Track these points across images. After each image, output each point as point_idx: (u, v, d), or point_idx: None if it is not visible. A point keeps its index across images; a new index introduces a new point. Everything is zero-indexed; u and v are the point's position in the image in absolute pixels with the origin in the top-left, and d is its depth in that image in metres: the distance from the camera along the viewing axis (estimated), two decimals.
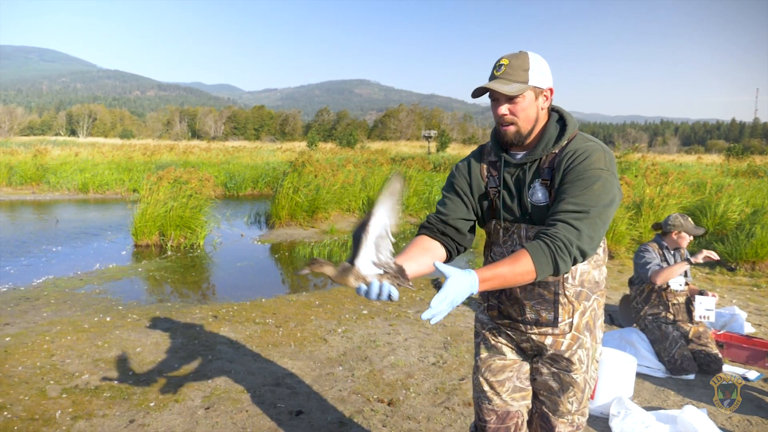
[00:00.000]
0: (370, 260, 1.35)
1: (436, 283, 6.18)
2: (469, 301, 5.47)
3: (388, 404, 3.25)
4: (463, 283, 1.33)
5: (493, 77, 1.58)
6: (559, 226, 1.45)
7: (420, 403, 3.27)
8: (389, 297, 1.34)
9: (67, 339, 4.33)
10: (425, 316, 1.29)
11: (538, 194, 1.61)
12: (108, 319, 4.85)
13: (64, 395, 3.34)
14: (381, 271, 1.36)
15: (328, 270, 1.34)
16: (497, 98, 1.60)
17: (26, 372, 3.69)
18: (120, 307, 5.25)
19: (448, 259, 1.73)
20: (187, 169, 9.25)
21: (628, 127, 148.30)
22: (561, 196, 1.52)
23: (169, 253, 7.89)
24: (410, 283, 1.40)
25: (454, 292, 1.31)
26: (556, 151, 1.60)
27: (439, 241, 1.71)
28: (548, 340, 1.69)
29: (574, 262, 1.46)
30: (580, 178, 1.52)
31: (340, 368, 3.78)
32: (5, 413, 3.11)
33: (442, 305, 1.29)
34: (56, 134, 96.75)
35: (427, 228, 1.73)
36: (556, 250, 1.42)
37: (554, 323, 1.66)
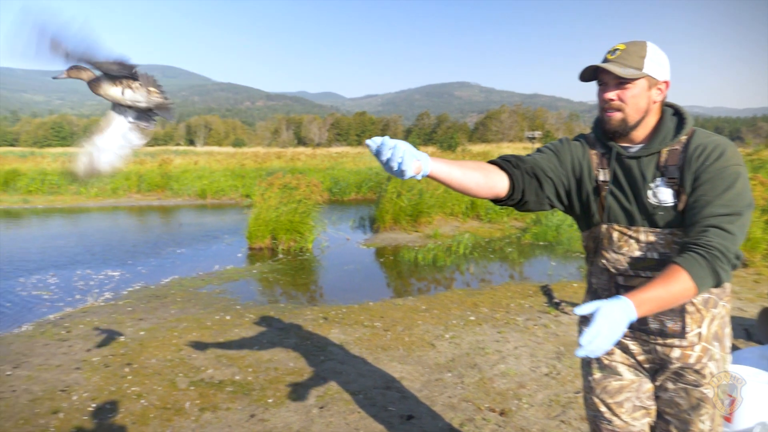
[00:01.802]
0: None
1: (546, 289, 5.96)
2: None
3: (500, 414, 3.17)
4: (617, 312, 1.22)
5: (605, 61, 1.48)
6: (712, 233, 1.32)
7: (533, 414, 3.16)
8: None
9: (192, 335, 4.66)
10: (580, 354, 1.19)
11: (664, 194, 1.47)
12: (228, 317, 5.16)
13: (192, 387, 3.59)
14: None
15: (85, 75, 1.35)
16: (606, 82, 1.49)
17: (158, 364, 4.02)
18: (238, 307, 5.57)
19: (508, 196, 1.51)
20: (295, 175, 9.65)
21: (759, 120, 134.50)
22: (703, 198, 1.39)
23: (281, 256, 8.27)
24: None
25: (609, 323, 1.20)
26: (678, 147, 1.47)
27: (505, 170, 1.52)
28: (675, 353, 1.53)
29: (733, 269, 1.34)
30: (719, 177, 1.38)
31: (449, 374, 3.75)
32: (142, 401, 3.40)
33: (597, 342, 1.18)
34: (177, 144, 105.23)
35: (498, 159, 1.57)
36: (713, 261, 1.29)
37: (682, 334, 1.50)
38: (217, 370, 3.86)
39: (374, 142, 1.28)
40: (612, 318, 1.21)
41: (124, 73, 1.35)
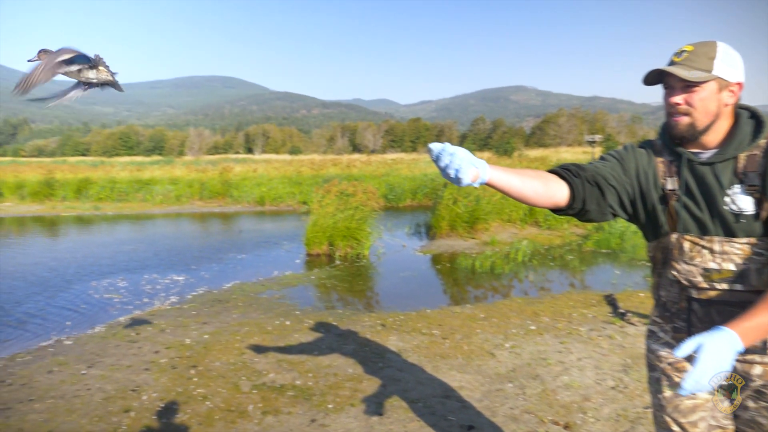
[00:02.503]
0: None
1: (610, 299, 5.75)
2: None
3: (565, 428, 3.07)
4: (722, 347, 1.17)
5: (671, 63, 1.41)
6: None
7: (600, 429, 3.05)
8: None
9: (254, 339, 4.77)
10: (683, 393, 1.16)
11: (743, 202, 1.38)
12: (288, 323, 5.25)
13: (254, 391, 3.67)
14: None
15: (45, 56, 1.53)
16: (672, 85, 1.42)
17: (222, 367, 4.13)
18: (297, 312, 5.66)
19: (568, 206, 1.46)
20: (351, 182, 9.75)
21: None
22: None
23: (338, 262, 8.36)
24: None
25: (715, 360, 1.16)
26: (757, 152, 1.38)
27: (565, 178, 1.47)
28: (756, 370, 1.42)
29: None
30: None
31: (510, 385, 3.67)
32: (207, 403, 3.50)
33: (704, 379, 1.15)
34: (236, 152, 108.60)
35: (558, 167, 1.52)
36: None
37: (764, 350, 1.40)
38: (278, 375, 3.93)
39: (435, 147, 1.28)
40: (718, 354, 1.16)
41: (84, 62, 1.69)
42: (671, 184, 1.50)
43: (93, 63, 1.71)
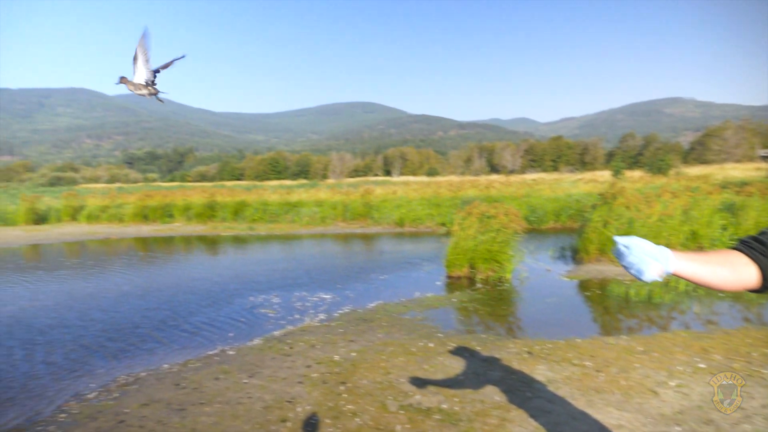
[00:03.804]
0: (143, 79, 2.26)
1: None
2: None
3: None
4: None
5: None
6: None
7: None
8: None
9: (399, 360, 4.83)
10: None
11: None
12: (431, 345, 5.25)
13: (401, 411, 3.70)
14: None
15: (124, 81, 2.26)
16: None
17: (370, 385, 4.23)
18: (440, 335, 5.64)
19: (760, 289, 1.36)
20: (493, 204, 9.58)
21: None
22: None
23: (479, 285, 8.23)
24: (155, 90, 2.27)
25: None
26: None
27: (750, 256, 1.36)
28: None
29: None
30: None
31: (678, 429, 3.31)
32: (357, 419, 3.59)
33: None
34: (375, 175, 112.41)
35: (741, 243, 1.41)
36: None
37: None
38: (424, 397, 3.93)
39: (619, 241, 1.29)
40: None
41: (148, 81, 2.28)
42: None
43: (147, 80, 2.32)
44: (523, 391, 3.98)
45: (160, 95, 2.34)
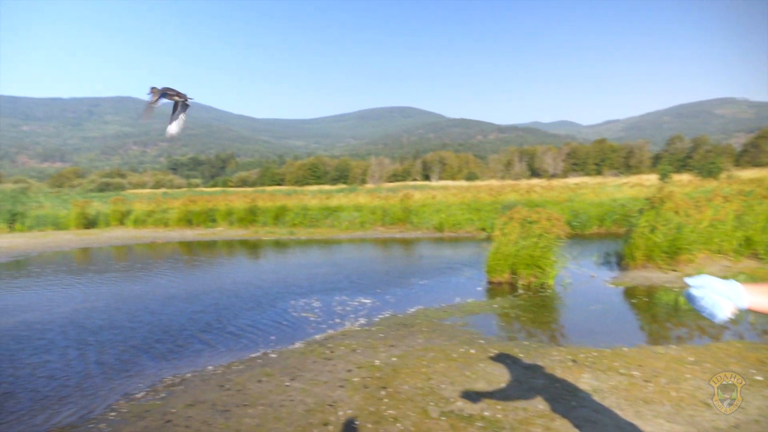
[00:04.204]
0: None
1: None
2: None
3: None
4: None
5: None
6: None
7: None
8: None
9: (440, 365, 4.80)
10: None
11: None
12: (472, 351, 5.20)
13: (443, 418, 3.67)
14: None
15: (156, 93, 2.56)
16: None
17: (410, 391, 4.21)
18: (481, 341, 5.58)
19: None
20: (535, 208, 9.42)
21: None
22: None
23: (521, 291, 8.11)
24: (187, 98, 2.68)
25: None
26: None
27: None
28: None
29: None
30: None
31: None
32: (398, 425, 3.59)
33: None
34: (413, 179, 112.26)
35: None
36: None
37: None
38: (466, 404, 3.89)
39: (690, 282, 1.27)
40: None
41: (171, 95, 2.65)
42: None
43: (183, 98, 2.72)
44: (567, 399, 3.90)
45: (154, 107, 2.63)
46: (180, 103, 2.71)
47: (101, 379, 4.89)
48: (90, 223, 23.43)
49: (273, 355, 5.37)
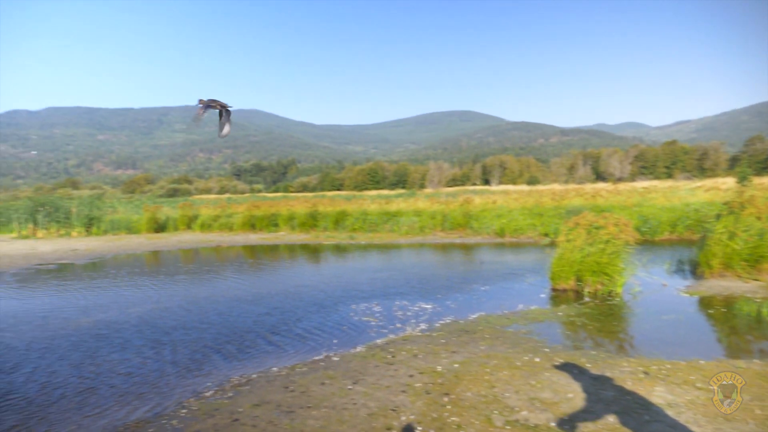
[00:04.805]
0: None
1: None
2: None
3: None
4: None
5: None
6: None
7: None
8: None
9: (503, 373, 4.71)
10: None
11: None
12: (537, 359, 5.07)
13: (507, 427, 3.59)
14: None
15: (202, 102, 3.08)
16: None
17: (473, 398, 4.15)
18: (546, 350, 5.43)
19: None
20: (602, 214, 9.10)
21: None
22: None
23: (587, 299, 7.85)
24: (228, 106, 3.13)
25: None
26: None
27: None
28: None
29: None
30: None
31: None
32: None
33: None
34: (473, 184, 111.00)
35: None
36: None
37: None
38: (531, 413, 3.79)
39: None
40: None
41: (215, 105, 3.15)
42: None
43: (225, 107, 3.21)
44: (640, 413, 3.73)
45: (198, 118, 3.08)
46: (223, 111, 3.22)
47: (175, 377, 5.09)
48: (160, 227, 24.57)
49: (335, 359, 5.43)
